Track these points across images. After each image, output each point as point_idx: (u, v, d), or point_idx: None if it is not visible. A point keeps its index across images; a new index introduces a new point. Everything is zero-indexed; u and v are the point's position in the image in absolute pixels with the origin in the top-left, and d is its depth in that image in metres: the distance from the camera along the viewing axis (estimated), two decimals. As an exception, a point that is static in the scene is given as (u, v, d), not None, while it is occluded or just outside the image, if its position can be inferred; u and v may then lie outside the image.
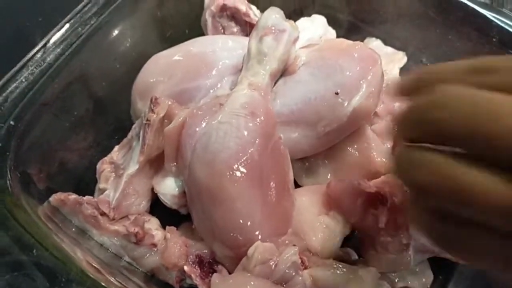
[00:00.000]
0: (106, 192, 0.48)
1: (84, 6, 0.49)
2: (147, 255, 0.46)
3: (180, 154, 0.46)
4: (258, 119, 0.45)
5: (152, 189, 0.49)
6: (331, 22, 0.63)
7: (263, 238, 0.42)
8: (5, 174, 0.41)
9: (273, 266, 0.40)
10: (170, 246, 0.44)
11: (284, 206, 0.44)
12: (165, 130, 0.46)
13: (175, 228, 0.47)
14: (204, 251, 0.45)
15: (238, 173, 0.42)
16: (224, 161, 0.42)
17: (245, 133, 0.43)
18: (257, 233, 0.42)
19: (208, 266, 0.44)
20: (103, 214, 0.46)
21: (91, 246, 0.45)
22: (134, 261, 0.46)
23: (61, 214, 0.46)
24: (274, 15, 0.49)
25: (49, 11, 0.74)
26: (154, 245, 0.46)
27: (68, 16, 0.48)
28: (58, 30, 0.47)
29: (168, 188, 0.47)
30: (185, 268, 0.43)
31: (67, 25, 0.48)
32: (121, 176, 0.48)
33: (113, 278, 0.40)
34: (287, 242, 0.43)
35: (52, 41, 0.47)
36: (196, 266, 0.44)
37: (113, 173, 0.49)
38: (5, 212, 0.39)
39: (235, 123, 0.44)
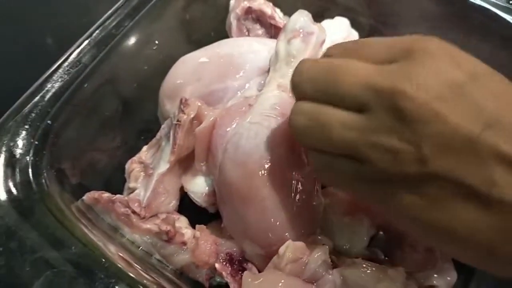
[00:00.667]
0: (137, 191, 0.49)
1: (117, 9, 0.50)
2: (177, 253, 0.47)
3: (211, 154, 0.47)
4: None
5: (181, 188, 0.50)
6: (352, 25, 0.64)
7: (294, 236, 0.42)
8: (42, 172, 0.42)
9: (304, 264, 0.41)
10: (201, 244, 0.45)
11: (313, 206, 0.45)
12: (196, 130, 0.47)
13: (205, 227, 0.48)
14: (234, 249, 0.45)
15: (269, 173, 0.42)
16: (256, 162, 0.43)
17: (276, 133, 0.44)
18: (287, 232, 0.43)
19: (238, 264, 0.45)
20: (134, 212, 0.47)
21: (123, 243, 0.46)
22: (164, 258, 0.47)
23: (93, 212, 0.46)
24: (303, 17, 0.50)
25: (70, 13, 0.75)
26: (184, 243, 0.47)
27: (102, 18, 0.49)
28: (93, 32, 0.48)
29: (198, 186, 0.48)
30: (216, 265, 0.44)
31: (102, 27, 0.49)
32: (151, 176, 0.49)
33: (146, 274, 0.41)
34: (317, 241, 0.43)
35: (86, 42, 0.48)
36: (227, 264, 0.44)
37: (143, 173, 0.50)
38: (44, 209, 0.40)
39: (265, 124, 0.44)
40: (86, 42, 0.48)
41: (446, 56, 0.30)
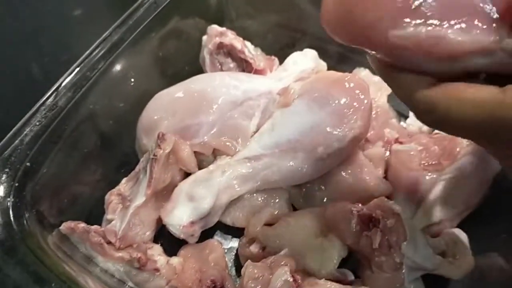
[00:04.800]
0: (113, 222, 0.51)
1: (92, 52, 0.53)
2: (150, 280, 0.49)
3: None
4: None
5: (157, 219, 0.52)
6: (322, 54, 0.67)
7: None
8: (22, 213, 0.44)
9: (267, 284, 0.43)
10: (187, 270, 0.49)
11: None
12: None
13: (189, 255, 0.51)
14: (217, 276, 0.49)
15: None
16: None
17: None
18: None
19: (219, 289, 0.48)
20: (109, 243, 0.49)
21: (97, 272, 0.48)
22: (137, 286, 0.49)
23: (68, 243, 0.48)
24: None
25: (52, 50, 0.78)
26: (157, 269, 0.48)
27: (78, 62, 0.51)
28: (68, 75, 0.51)
29: (177, 219, 0.50)
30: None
31: (77, 70, 0.51)
32: (128, 208, 0.51)
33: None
34: (279, 261, 0.46)
35: (62, 85, 0.50)
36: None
37: (120, 204, 0.52)
38: (25, 249, 0.42)
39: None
40: (62, 86, 0.50)
41: None
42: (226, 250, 0.55)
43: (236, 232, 0.55)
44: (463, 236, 0.53)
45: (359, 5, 0.31)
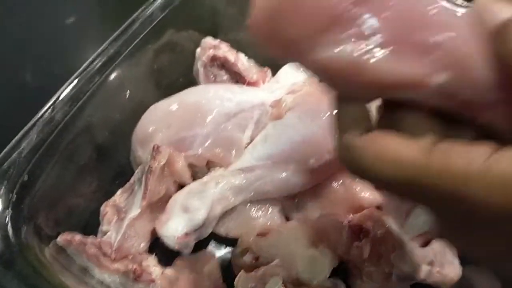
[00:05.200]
0: (108, 233, 0.52)
1: (89, 65, 0.53)
2: (146, 290, 0.50)
3: None
4: None
5: (152, 230, 0.53)
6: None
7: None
8: (20, 226, 0.45)
9: None
10: (181, 280, 0.50)
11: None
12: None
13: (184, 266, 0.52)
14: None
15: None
16: None
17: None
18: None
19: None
20: (104, 254, 0.50)
21: (93, 284, 0.48)
22: (133, 297, 0.50)
23: (64, 255, 0.49)
24: None
25: (48, 58, 0.78)
26: (152, 280, 0.49)
27: (74, 75, 0.52)
28: (65, 89, 0.51)
29: (171, 230, 0.51)
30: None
31: (74, 83, 0.52)
32: (123, 219, 0.52)
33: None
34: (272, 271, 0.47)
35: (59, 99, 0.51)
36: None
37: (116, 216, 0.53)
38: (22, 261, 0.42)
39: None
40: (59, 100, 0.51)
41: None
42: (219, 260, 0.56)
43: (229, 242, 0.56)
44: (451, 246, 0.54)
45: (284, 19, 0.25)
